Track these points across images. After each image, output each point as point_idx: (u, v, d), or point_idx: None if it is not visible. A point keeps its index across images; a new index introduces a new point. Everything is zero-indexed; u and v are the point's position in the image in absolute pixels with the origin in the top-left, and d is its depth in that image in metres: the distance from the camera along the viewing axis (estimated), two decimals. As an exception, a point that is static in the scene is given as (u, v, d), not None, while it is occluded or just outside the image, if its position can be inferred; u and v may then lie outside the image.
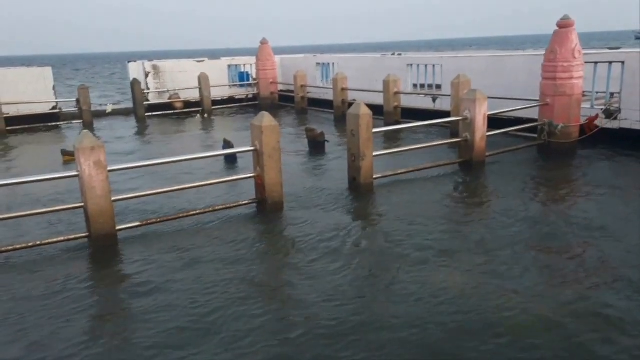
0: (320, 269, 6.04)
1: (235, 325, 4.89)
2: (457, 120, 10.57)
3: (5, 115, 17.80)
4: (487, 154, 10.29)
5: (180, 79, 21.33)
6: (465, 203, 8.58)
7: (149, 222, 7.44)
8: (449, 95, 13.84)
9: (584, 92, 11.22)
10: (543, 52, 11.28)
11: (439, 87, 16.02)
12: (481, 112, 9.86)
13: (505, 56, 14.93)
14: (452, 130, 12.92)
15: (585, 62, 11.00)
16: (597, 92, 12.00)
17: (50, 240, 6.85)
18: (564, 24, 10.69)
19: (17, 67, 20.53)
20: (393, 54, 19.27)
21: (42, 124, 18.50)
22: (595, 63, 11.70)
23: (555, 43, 10.74)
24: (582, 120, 11.22)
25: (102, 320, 5.20)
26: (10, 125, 17.80)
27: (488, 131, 10.16)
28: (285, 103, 21.57)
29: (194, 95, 21.02)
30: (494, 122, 10.66)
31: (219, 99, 21.77)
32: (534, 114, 11.56)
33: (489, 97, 10.11)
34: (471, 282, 5.57)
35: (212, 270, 6.12)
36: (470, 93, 10.09)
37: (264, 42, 21.91)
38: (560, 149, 10.93)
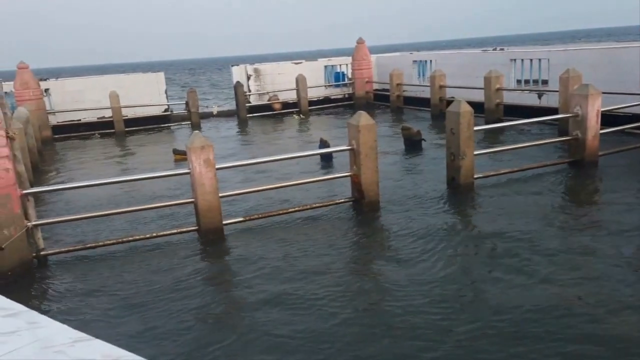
0: (414, 273, 5.98)
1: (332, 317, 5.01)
2: (567, 117, 9.89)
3: (124, 118, 19.55)
4: (601, 153, 9.54)
5: (279, 81, 22.05)
6: (579, 209, 7.89)
7: (252, 217, 7.82)
8: (557, 91, 13.01)
9: None
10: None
11: (545, 82, 15.12)
12: (594, 108, 9.16)
13: (622, 47, 13.74)
14: (560, 128, 12.14)
15: None
16: None
17: (165, 233, 7.44)
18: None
19: (134, 73, 22.41)
20: (495, 49, 18.49)
21: (155, 125, 20.06)
22: None
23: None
24: None
25: (210, 302, 5.57)
26: (128, 126, 19.52)
27: (602, 129, 9.42)
28: (380, 102, 21.50)
29: (291, 96, 21.64)
30: (608, 118, 9.86)
31: (315, 99, 22.21)
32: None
33: (603, 92, 9.36)
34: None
35: (309, 262, 6.31)
36: (582, 88, 9.41)
37: (360, 42, 22.00)
38: (688, 147, 9.86)
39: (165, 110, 20.92)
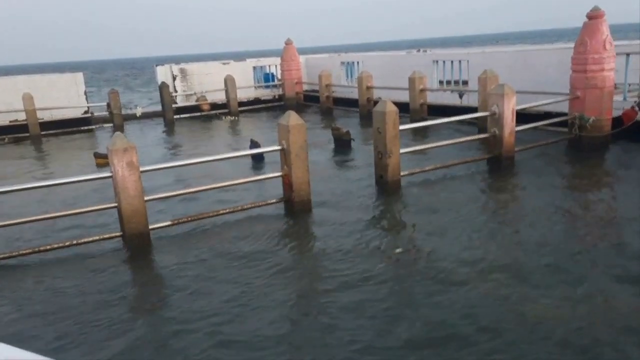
0: (342, 267, 6.07)
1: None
2: (485, 115, 10.43)
3: (40, 120, 18.37)
4: (516, 149, 10.13)
5: (206, 82, 21.62)
6: (495, 200, 8.46)
7: (180, 221, 7.59)
8: (476, 91, 13.69)
9: (615, 84, 10.95)
10: (573, 45, 11.05)
11: (465, 83, 15.85)
12: (509, 107, 9.72)
13: (534, 50, 14.69)
14: (480, 126, 12.76)
15: (617, 54, 10.73)
16: (629, 85, 11.70)
17: (85, 240, 7.06)
18: (594, 15, 10.45)
19: (50, 74, 21.12)
20: (418, 51, 19.16)
21: (74, 128, 19.01)
22: (628, 54, 11.40)
23: (585, 34, 10.50)
24: (615, 113, 10.95)
25: (137, 308, 5.36)
26: (45, 129, 18.37)
27: (517, 126, 10.00)
28: (310, 103, 21.64)
29: (220, 97, 21.29)
30: (523, 116, 10.48)
31: (245, 100, 21.98)
32: (564, 107, 11.34)
33: (517, 92, 9.95)
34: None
35: (240, 264, 6.25)
36: (498, 87, 9.96)
37: (288, 43, 22.03)
38: (592, 143, 10.69)
39: (85, 112, 19.89)
